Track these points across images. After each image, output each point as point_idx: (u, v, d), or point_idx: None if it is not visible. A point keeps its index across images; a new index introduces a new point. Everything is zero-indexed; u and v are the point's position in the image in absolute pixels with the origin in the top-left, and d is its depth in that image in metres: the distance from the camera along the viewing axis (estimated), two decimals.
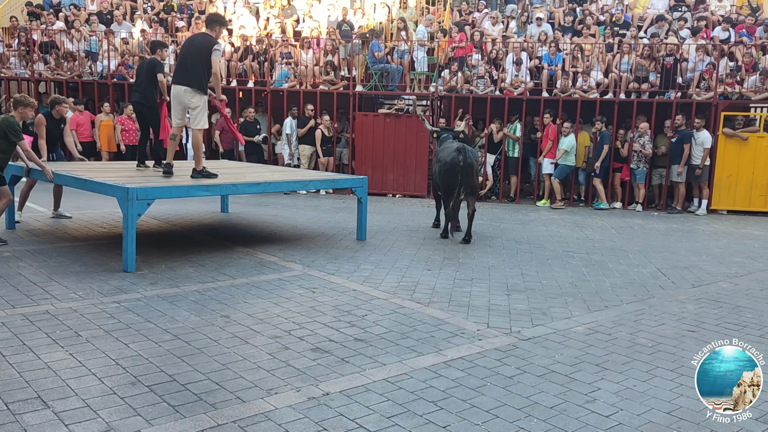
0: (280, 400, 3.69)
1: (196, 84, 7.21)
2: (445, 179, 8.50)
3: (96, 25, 15.14)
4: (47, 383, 3.78)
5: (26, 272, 6.24)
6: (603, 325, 5.36)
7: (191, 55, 7.25)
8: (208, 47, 7.16)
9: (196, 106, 7.29)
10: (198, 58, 7.17)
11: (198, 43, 7.28)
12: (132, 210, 6.38)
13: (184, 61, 7.27)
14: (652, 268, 7.60)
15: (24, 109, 7.66)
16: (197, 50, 7.21)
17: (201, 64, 7.16)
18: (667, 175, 12.78)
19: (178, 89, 7.28)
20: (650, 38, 13.48)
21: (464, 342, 4.79)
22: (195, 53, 7.21)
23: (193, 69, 7.18)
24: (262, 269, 6.78)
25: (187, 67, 7.22)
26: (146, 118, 8.49)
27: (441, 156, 8.70)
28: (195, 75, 7.19)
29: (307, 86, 13.98)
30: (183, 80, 7.24)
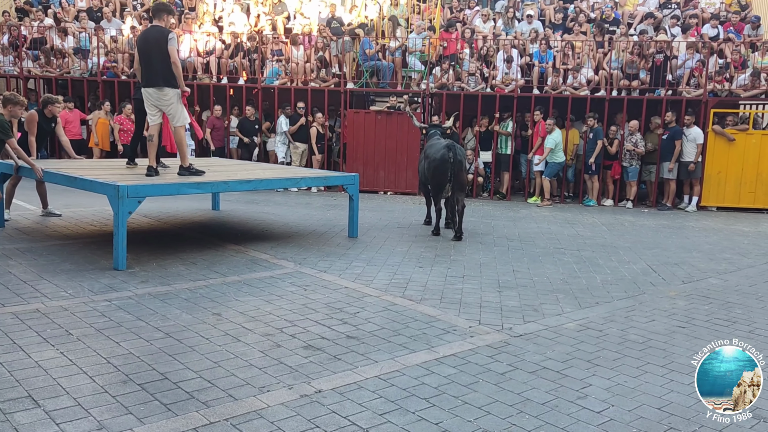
0: (272, 397, 3.69)
1: (162, 82, 7.08)
2: (435, 176, 8.53)
3: (85, 22, 15.03)
4: (38, 382, 3.76)
5: (16, 271, 6.20)
6: (594, 321, 5.38)
7: (152, 52, 7.06)
8: (164, 39, 6.97)
9: (170, 103, 7.19)
10: (158, 54, 7.00)
11: (154, 38, 7.06)
12: (123, 208, 6.34)
13: (148, 61, 7.10)
14: (642, 264, 7.65)
15: (14, 108, 7.62)
16: (155, 45, 7.01)
17: (161, 59, 7.00)
18: (657, 171, 12.84)
19: (148, 92, 7.19)
20: (639, 35, 13.53)
21: (456, 339, 4.80)
22: (154, 49, 7.02)
23: (158, 66, 7.02)
24: (253, 267, 6.77)
25: (152, 66, 7.06)
26: (142, 116, 8.36)
27: (429, 153, 8.72)
28: (160, 72, 7.04)
29: (298, 83, 13.94)
30: (150, 82, 7.13)
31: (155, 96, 7.19)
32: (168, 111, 7.29)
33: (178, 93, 7.21)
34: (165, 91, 7.13)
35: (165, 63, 7.01)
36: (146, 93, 7.23)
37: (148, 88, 7.18)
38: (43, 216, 9.15)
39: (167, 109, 7.26)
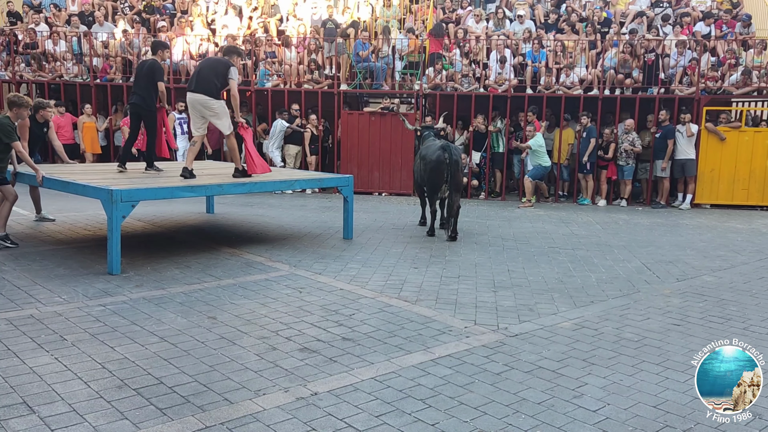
0: (268, 400, 3.68)
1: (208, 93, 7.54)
2: (431, 177, 8.54)
3: (77, 26, 14.98)
4: (33, 388, 3.75)
5: (9, 276, 6.17)
6: (589, 320, 5.40)
7: (205, 68, 7.66)
8: (224, 67, 7.61)
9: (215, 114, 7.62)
10: (211, 73, 7.57)
11: (215, 61, 7.91)
12: (116, 212, 6.32)
13: (200, 73, 7.62)
14: (637, 262, 7.67)
15: (19, 110, 7.52)
16: (213, 66, 7.68)
17: (213, 77, 7.56)
18: (651, 170, 12.88)
19: (197, 99, 7.57)
20: (630, 34, 13.58)
21: (452, 339, 4.80)
22: (212, 67, 7.66)
23: (209, 79, 7.51)
24: (248, 270, 6.76)
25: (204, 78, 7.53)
26: (144, 122, 8.38)
27: (425, 154, 8.71)
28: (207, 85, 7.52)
29: (291, 85, 13.93)
30: (198, 89, 7.55)
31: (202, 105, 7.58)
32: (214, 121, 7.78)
33: (223, 105, 7.64)
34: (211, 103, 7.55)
35: (210, 78, 7.51)
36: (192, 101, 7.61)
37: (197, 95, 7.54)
38: (36, 221, 9.11)
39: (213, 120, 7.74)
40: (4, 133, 7.26)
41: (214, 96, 7.47)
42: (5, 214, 7.50)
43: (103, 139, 14.12)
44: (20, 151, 7.53)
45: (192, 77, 7.80)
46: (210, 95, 7.45)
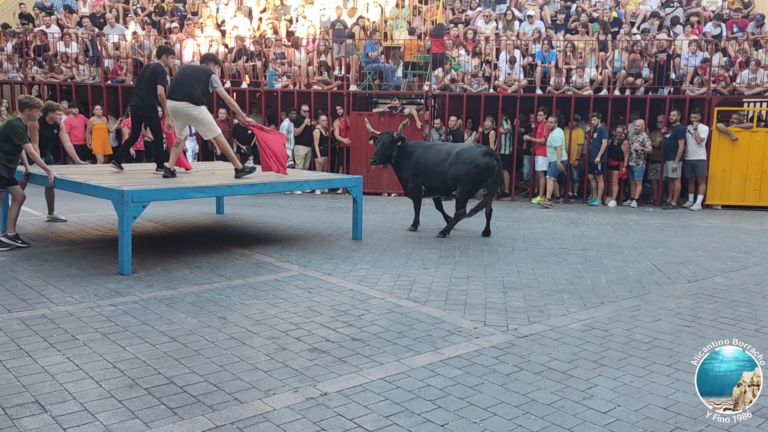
0: (278, 400, 3.70)
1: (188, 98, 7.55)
2: (475, 180, 8.76)
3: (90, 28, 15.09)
4: (45, 387, 3.78)
5: (22, 276, 6.22)
6: (599, 321, 5.37)
7: (184, 75, 7.73)
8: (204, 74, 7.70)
9: (196, 118, 7.64)
10: (191, 79, 7.63)
11: (195, 68, 8.02)
12: (127, 212, 6.36)
13: (179, 82, 7.67)
14: (647, 263, 7.63)
15: (30, 110, 7.55)
16: (191, 72, 7.78)
17: (192, 82, 7.60)
18: (662, 170, 12.81)
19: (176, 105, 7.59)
20: (642, 34, 13.52)
21: (461, 340, 4.80)
22: (188, 74, 7.73)
23: (186, 86, 7.55)
24: (258, 270, 6.78)
25: (181, 86, 7.58)
26: (147, 124, 8.50)
27: (467, 157, 8.66)
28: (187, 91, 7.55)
29: (300, 86, 13.97)
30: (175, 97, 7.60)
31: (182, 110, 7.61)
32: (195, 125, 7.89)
33: (203, 109, 7.65)
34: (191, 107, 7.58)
35: (191, 85, 7.54)
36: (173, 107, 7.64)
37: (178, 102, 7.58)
38: (48, 221, 9.18)
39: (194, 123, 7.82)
40: (16, 135, 7.31)
41: (195, 103, 7.51)
42: (14, 214, 7.56)
43: (114, 140, 14.18)
44: (31, 153, 7.59)
45: (172, 85, 7.80)
46: (192, 102, 7.49)
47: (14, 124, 7.37)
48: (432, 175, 8.97)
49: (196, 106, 7.53)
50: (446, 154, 8.90)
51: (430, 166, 8.95)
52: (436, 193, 9.32)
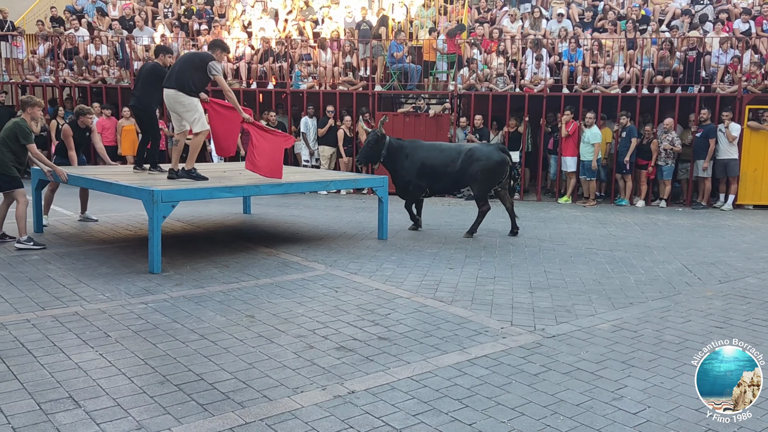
0: (306, 398, 3.73)
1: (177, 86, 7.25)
2: (492, 177, 8.83)
3: (119, 31, 15.35)
4: (78, 383, 3.85)
5: (55, 275, 6.36)
6: (628, 322, 5.31)
7: (185, 63, 7.38)
8: (202, 60, 7.32)
9: (187, 110, 7.31)
10: (189, 67, 7.29)
11: (193, 54, 7.79)
12: (157, 212, 6.46)
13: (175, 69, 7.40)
14: (677, 264, 7.52)
15: (32, 109, 7.60)
16: (191, 60, 7.42)
17: (189, 70, 7.27)
18: (692, 170, 12.61)
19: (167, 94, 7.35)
20: (671, 31, 13.32)
21: (488, 340, 4.78)
22: (188, 61, 7.38)
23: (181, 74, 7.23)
24: (285, 269, 6.83)
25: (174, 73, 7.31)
26: (144, 123, 8.53)
27: (481, 155, 8.76)
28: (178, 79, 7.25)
29: (326, 87, 14.04)
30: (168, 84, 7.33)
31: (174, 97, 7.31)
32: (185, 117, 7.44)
33: (195, 100, 7.30)
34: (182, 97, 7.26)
35: (184, 73, 7.19)
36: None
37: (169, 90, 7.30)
38: (80, 221, 9.35)
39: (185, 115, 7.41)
40: (22, 135, 7.37)
41: (185, 91, 7.13)
42: (22, 215, 7.56)
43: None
44: (35, 154, 7.67)
45: (168, 73, 7.51)
46: (181, 90, 7.11)
47: (20, 124, 7.42)
48: (440, 176, 8.92)
49: (187, 95, 7.16)
50: (456, 154, 8.90)
51: (439, 167, 8.89)
52: (440, 193, 9.48)
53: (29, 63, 15.29)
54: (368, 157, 9.10)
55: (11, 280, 6.08)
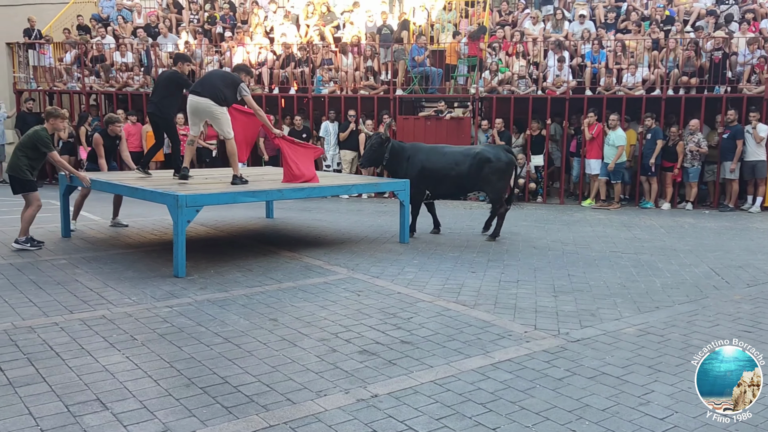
0: (329, 401, 3.74)
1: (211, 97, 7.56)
2: (504, 178, 8.91)
3: (144, 38, 15.57)
4: (105, 385, 3.91)
5: (83, 279, 6.46)
6: (654, 326, 5.24)
7: (215, 76, 7.80)
8: (233, 81, 7.69)
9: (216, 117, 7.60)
10: (221, 81, 7.65)
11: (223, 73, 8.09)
12: (182, 217, 6.53)
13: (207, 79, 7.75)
14: (704, 267, 7.41)
15: (55, 121, 7.89)
16: (221, 77, 7.80)
17: (222, 84, 7.61)
18: (718, 171, 12.41)
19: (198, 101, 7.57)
20: (696, 32, 13.14)
21: (511, 344, 4.75)
22: (223, 78, 7.74)
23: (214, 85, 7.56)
24: (307, 273, 6.86)
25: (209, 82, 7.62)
26: (164, 130, 8.63)
27: (491, 157, 8.78)
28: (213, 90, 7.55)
29: (347, 91, 14.09)
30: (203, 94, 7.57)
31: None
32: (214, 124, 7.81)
33: (225, 109, 7.61)
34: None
35: (217, 87, 7.53)
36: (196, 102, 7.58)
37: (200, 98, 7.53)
38: (111, 226, 9.47)
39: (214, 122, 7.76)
40: (41, 143, 7.62)
41: (218, 102, 7.47)
42: (29, 218, 7.79)
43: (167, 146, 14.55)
44: (58, 161, 8.01)
45: (198, 82, 7.84)
46: (215, 101, 7.45)
47: (40, 134, 7.68)
48: (443, 180, 8.84)
49: (219, 106, 7.51)
50: (462, 157, 8.84)
51: (440, 170, 8.80)
52: (444, 197, 9.41)
53: (56, 70, 15.58)
54: (371, 160, 9.02)
55: (40, 284, 6.20)
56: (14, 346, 4.54)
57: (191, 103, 7.57)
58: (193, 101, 7.54)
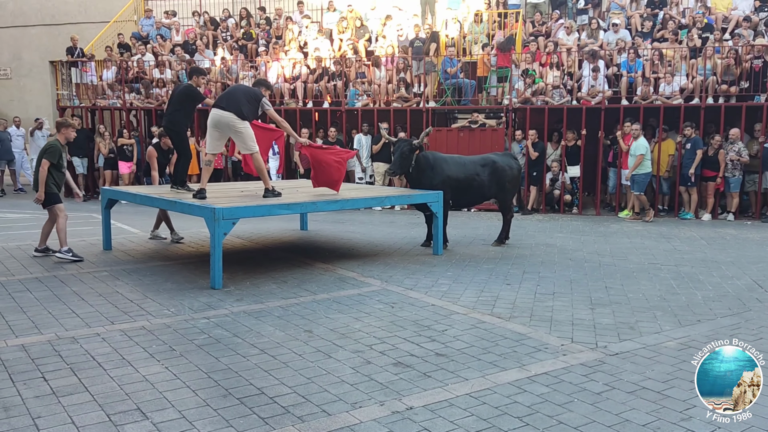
0: (364, 413, 3.74)
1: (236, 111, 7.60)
2: (516, 185, 9.47)
3: (181, 55, 15.93)
4: (146, 395, 3.98)
5: (123, 290, 6.60)
6: (696, 339, 5.12)
7: (239, 91, 7.87)
8: (255, 96, 7.76)
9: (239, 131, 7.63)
10: (244, 96, 7.71)
11: (246, 88, 8.09)
12: (218, 229, 6.64)
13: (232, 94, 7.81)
14: (747, 279, 7.21)
15: (66, 130, 8.13)
16: (244, 91, 7.86)
17: (245, 99, 7.68)
18: (760, 181, 12.10)
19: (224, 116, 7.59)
20: (734, 40, 12.88)
21: (548, 357, 4.69)
22: (245, 93, 7.79)
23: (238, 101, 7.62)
24: (341, 285, 6.89)
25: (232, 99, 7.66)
26: (173, 143, 8.75)
27: (505, 165, 9.19)
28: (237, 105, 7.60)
29: (380, 104, 14.18)
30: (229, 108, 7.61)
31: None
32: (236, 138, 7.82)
33: (247, 124, 7.67)
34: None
35: (241, 102, 7.59)
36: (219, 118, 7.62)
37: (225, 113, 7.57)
38: (150, 239, 9.62)
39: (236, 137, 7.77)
40: (47, 154, 7.86)
41: (241, 117, 7.50)
42: (48, 230, 8.15)
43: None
44: (41, 172, 7.93)
45: (222, 97, 7.87)
46: (238, 116, 7.47)
47: (54, 146, 7.95)
48: (466, 189, 8.93)
49: (241, 120, 7.53)
50: (480, 166, 9.06)
51: (464, 180, 8.89)
52: (464, 206, 9.70)
53: (98, 87, 16.02)
54: (402, 167, 8.81)
55: (82, 296, 6.36)
56: (58, 356, 4.66)
57: (214, 116, 7.62)
58: (216, 115, 7.58)
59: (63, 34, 18.31)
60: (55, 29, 19.66)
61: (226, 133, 7.75)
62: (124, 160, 15.00)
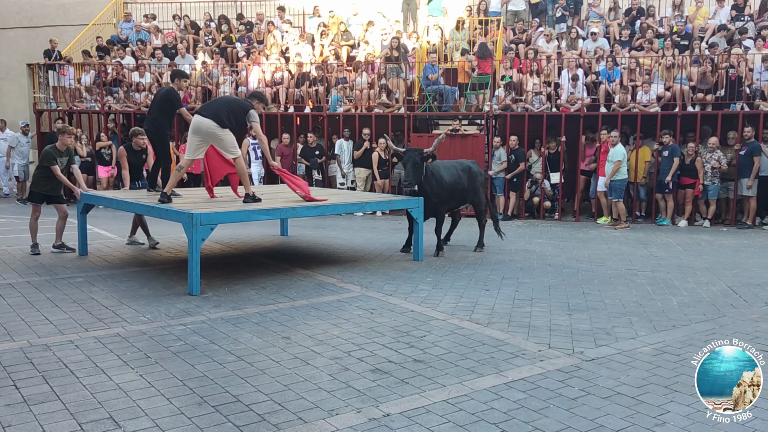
0: (341, 420, 3.72)
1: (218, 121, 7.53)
2: (485, 188, 9.78)
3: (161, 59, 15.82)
4: (119, 404, 3.92)
5: (98, 297, 6.51)
6: (671, 345, 5.18)
7: (226, 102, 7.86)
8: (243, 108, 7.67)
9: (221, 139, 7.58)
10: (227, 107, 7.64)
11: (237, 101, 8.03)
12: (196, 235, 6.58)
13: (219, 104, 7.79)
14: (722, 285, 7.31)
15: (63, 137, 8.59)
16: (232, 104, 7.78)
17: (230, 110, 7.63)
18: (736, 188, 12.29)
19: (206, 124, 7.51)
20: (710, 49, 13.09)
21: (525, 363, 4.71)
22: (230, 104, 7.74)
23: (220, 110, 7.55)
24: (321, 291, 6.87)
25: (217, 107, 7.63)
26: (153, 145, 8.72)
27: (477, 171, 9.52)
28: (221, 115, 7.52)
29: (362, 110, 14.18)
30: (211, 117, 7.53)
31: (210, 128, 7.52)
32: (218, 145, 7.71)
33: (227, 131, 7.59)
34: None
35: (223, 111, 7.52)
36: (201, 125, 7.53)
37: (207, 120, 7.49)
38: (127, 244, 9.53)
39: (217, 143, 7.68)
40: (45, 159, 8.46)
41: (220, 125, 7.42)
42: (60, 226, 8.84)
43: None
44: (58, 175, 8.54)
45: (204, 105, 7.84)
46: (218, 123, 7.39)
47: (49, 151, 8.51)
48: (454, 194, 9.15)
49: (221, 128, 7.45)
50: (458, 171, 9.24)
51: (453, 184, 9.09)
52: (448, 210, 9.70)
53: (76, 90, 15.84)
54: (416, 177, 8.52)
55: (56, 302, 6.26)
56: (30, 363, 4.58)
57: (194, 123, 7.58)
58: (196, 121, 7.54)
59: (41, 37, 18.08)
60: (33, 32, 19.42)
61: (207, 140, 7.67)
62: (102, 164, 14.83)
